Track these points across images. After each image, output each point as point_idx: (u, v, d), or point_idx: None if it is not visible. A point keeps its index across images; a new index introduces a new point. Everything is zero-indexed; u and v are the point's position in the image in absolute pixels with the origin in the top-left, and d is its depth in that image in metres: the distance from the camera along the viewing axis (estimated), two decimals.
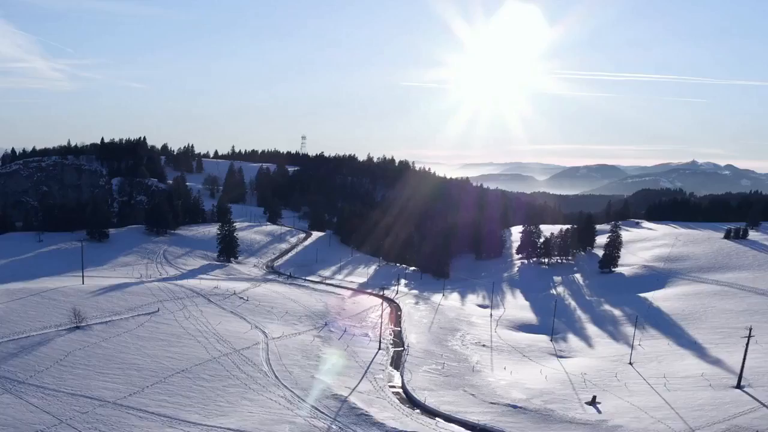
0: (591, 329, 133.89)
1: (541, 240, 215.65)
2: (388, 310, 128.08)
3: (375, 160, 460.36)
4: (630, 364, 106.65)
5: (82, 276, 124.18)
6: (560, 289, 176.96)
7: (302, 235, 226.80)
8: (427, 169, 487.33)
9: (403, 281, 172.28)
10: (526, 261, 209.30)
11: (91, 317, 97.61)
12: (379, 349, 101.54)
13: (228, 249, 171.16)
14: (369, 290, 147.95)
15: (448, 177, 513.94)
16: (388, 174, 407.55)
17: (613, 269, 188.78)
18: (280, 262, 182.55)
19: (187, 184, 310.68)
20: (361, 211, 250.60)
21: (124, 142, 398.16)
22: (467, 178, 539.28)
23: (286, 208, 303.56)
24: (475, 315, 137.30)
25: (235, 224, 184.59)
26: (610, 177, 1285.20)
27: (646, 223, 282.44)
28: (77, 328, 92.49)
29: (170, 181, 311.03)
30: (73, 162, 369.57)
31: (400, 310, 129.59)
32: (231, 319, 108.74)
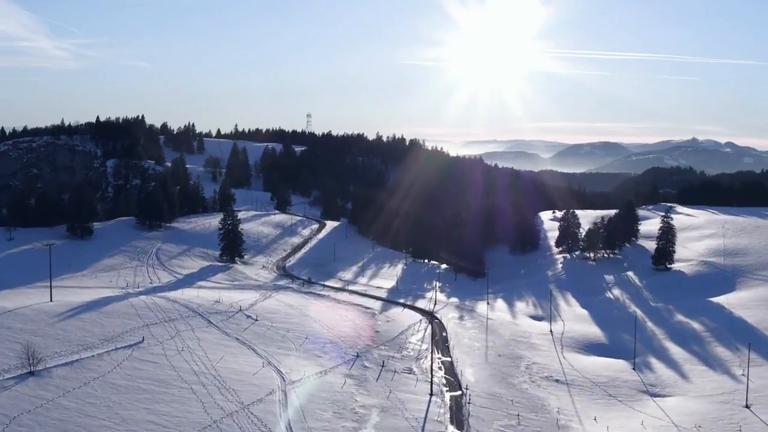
0: (674, 350, 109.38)
1: (582, 230, 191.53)
2: (429, 329, 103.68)
3: (384, 139, 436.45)
4: (747, 407, 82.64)
5: (50, 291, 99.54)
6: (616, 291, 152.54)
7: (315, 226, 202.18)
8: (439, 148, 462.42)
9: (436, 284, 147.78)
10: (567, 255, 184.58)
11: (53, 356, 73.34)
12: (431, 394, 77.13)
13: (232, 247, 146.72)
14: (401, 300, 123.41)
15: (456, 155, 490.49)
16: (399, 153, 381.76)
17: (669, 266, 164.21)
18: (292, 261, 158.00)
19: (187, 166, 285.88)
20: (377, 197, 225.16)
21: (120, 120, 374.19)
22: (481, 157, 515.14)
23: (294, 193, 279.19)
24: (533, 333, 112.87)
25: (239, 215, 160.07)
26: (614, 155, 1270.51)
27: (680, 208, 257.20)
28: (30, 374, 68.17)
29: (168, 164, 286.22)
30: (66, 142, 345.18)
31: (445, 329, 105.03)
32: (236, 351, 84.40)
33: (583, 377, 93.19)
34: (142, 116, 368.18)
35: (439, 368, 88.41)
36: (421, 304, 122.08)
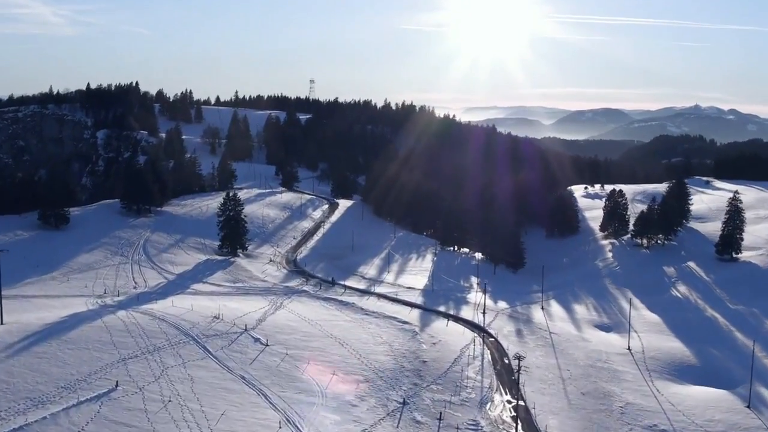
0: None
1: (629, 211, 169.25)
2: (488, 355, 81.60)
3: (393, 106, 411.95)
4: None
5: (0, 308, 76.81)
6: (682, 288, 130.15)
7: (326, 206, 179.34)
8: (452, 116, 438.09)
9: (474, 280, 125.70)
10: (615, 241, 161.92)
11: None
12: None
13: (233, 237, 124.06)
14: (442, 307, 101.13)
15: (468, 122, 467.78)
16: (408, 121, 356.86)
17: (735, 255, 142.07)
18: (303, 251, 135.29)
19: (183, 137, 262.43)
20: (392, 172, 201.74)
21: (113, 88, 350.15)
22: (494, 126, 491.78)
23: (300, 166, 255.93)
24: (609, 352, 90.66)
25: (241, 195, 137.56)
26: (616, 121, 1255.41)
27: (718, 183, 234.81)
28: None
29: (163, 134, 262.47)
30: (53, 112, 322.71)
31: (506, 353, 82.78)
32: (242, 399, 62.36)
33: (694, 424, 71.26)
34: (136, 83, 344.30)
35: (509, 411, 66.72)
36: (466, 312, 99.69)
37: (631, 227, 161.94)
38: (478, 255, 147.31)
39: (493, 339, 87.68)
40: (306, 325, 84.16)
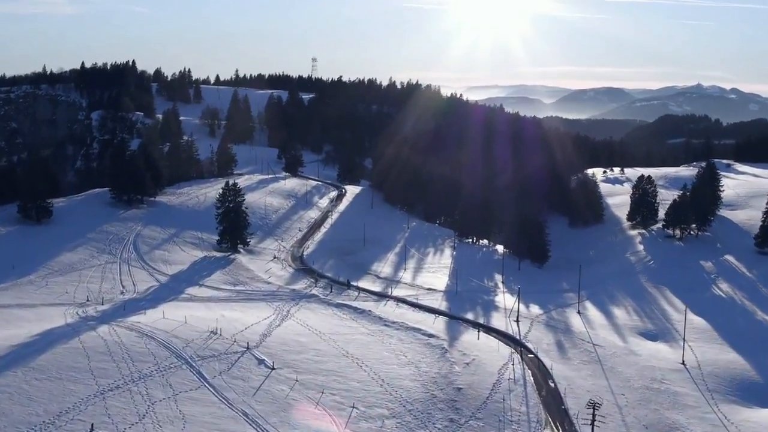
0: None
1: (657, 199, 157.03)
2: (530, 376, 70.19)
3: (398, 85, 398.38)
4: None
5: None
6: (724, 286, 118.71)
7: (334, 193, 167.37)
8: (459, 95, 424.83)
9: (499, 278, 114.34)
10: (644, 232, 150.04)
11: None
12: None
13: (234, 231, 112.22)
14: (469, 314, 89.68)
15: (475, 102, 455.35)
16: (414, 100, 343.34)
17: None
18: (310, 246, 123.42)
19: (181, 118, 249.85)
20: (403, 155, 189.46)
21: (109, 67, 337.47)
22: (501, 105, 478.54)
23: (304, 148, 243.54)
24: (662, 368, 79.27)
25: (242, 182, 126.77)
26: (617, 100, 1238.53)
27: (739, 166, 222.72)
28: None
29: (159, 116, 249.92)
30: (47, 92, 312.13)
31: (550, 374, 71.34)
32: None
33: None
34: (133, 62, 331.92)
35: None
36: (497, 320, 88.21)
37: (661, 216, 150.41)
38: (500, 248, 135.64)
39: (532, 355, 76.13)
40: (318, 341, 72.76)
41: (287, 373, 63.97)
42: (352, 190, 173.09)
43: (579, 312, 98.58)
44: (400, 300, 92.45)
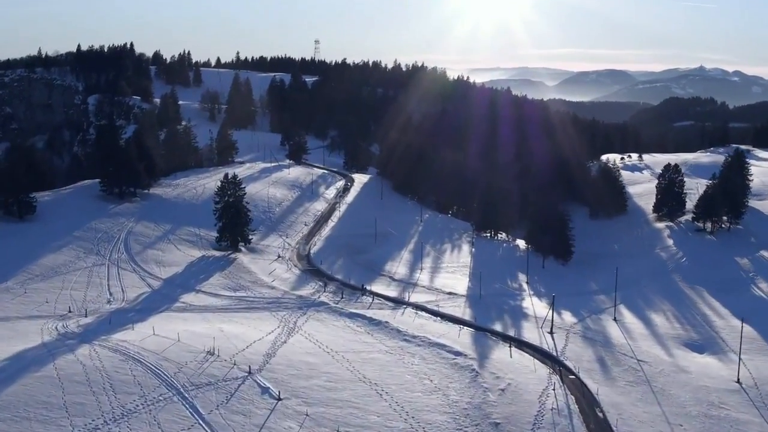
0: None
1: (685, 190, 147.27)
2: (572, 399, 61.00)
3: (403, 67, 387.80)
4: None
5: None
6: (764, 286, 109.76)
7: (340, 183, 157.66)
8: (466, 78, 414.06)
9: (523, 279, 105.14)
10: (671, 224, 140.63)
11: None
12: None
13: (234, 228, 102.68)
14: (497, 324, 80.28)
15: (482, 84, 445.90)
16: (419, 83, 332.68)
17: None
18: (317, 243, 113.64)
19: (180, 103, 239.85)
20: (413, 142, 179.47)
21: (106, 49, 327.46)
22: (509, 88, 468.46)
23: (308, 133, 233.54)
24: (718, 388, 70.07)
25: (243, 172, 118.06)
26: (620, 83, 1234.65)
27: (759, 152, 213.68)
28: None
29: (157, 100, 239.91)
30: (42, 76, 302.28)
31: (596, 400, 62.04)
32: None
33: None
34: (131, 44, 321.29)
35: None
36: (528, 331, 78.79)
37: (689, 207, 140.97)
38: (521, 243, 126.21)
39: (573, 375, 66.84)
40: (329, 361, 63.53)
41: (295, 404, 54.82)
42: (359, 179, 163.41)
43: (615, 319, 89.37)
44: (419, 307, 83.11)
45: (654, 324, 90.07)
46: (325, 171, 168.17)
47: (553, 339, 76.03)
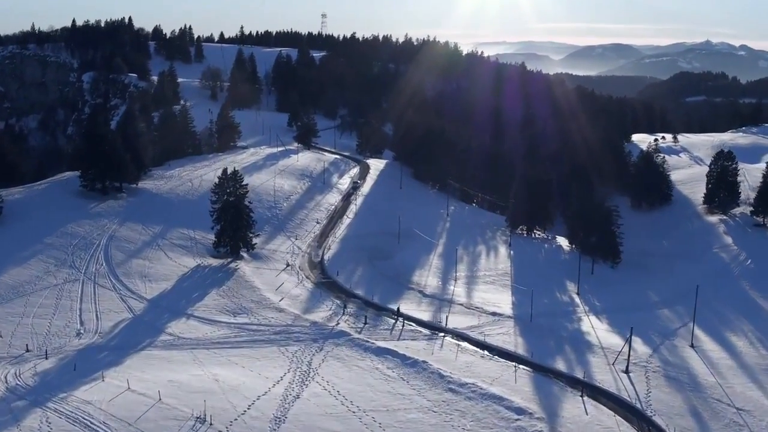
0: None
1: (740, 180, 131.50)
2: None
3: (414, 41, 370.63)
4: None
5: None
6: None
7: (355, 170, 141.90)
8: (480, 53, 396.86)
9: (572, 288, 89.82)
10: (725, 218, 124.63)
11: None
12: None
13: (235, 230, 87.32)
14: (560, 364, 64.84)
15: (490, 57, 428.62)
16: (431, 58, 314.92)
17: None
18: (332, 246, 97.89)
19: (179, 80, 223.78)
20: (436, 124, 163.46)
21: (103, 24, 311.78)
22: (523, 63, 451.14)
23: (317, 112, 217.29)
24: None
25: (247, 158, 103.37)
26: (626, 57, 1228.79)
27: None
28: None
29: (155, 77, 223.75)
30: (35, 53, 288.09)
31: None
32: None
33: None
34: (129, 18, 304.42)
35: None
36: (598, 369, 63.40)
37: (746, 199, 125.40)
38: (563, 242, 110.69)
39: None
40: (357, 428, 48.44)
41: None
42: (375, 165, 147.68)
43: (693, 345, 73.92)
44: (460, 336, 67.91)
45: (738, 351, 74.52)
46: (337, 156, 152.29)
47: (631, 381, 60.79)
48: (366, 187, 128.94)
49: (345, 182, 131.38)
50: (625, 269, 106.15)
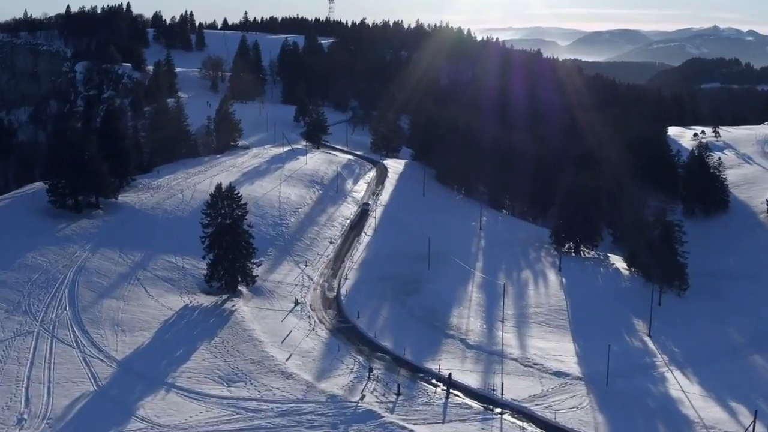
0: None
1: None
2: None
3: (426, 27, 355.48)
4: None
5: None
6: None
7: (371, 174, 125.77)
8: (495, 40, 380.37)
9: (640, 327, 73.67)
10: None
11: None
12: None
13: (231, 260, 71.27)
14: None
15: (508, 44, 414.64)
16: (446, 46, 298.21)
17: None
18: (350, 275, 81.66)
19: (178, 70, 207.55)
20: (460, 119, 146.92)
21: (99, 11, 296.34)
22: (539, 50, 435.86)
23: (326, 104, 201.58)
24: None
25: (248, 161, 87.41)
26: (634, 42, 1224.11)
27: None
28: None
29: (150, 67, 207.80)
30: (26, 41, 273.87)
31: None
32: None
33: None
34: (128, 4, 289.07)
35: None
36: None
37: None
38: (618, 263, 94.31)
39: None
40: None
41: None
42: (393, 167, 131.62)
43: None
44: (521, 413, 51.88)
45: None
46: (350, 157, 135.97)
47: None
48: (385, 195, 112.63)
49: (360, 189, 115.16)
50: (694, 297, 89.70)
